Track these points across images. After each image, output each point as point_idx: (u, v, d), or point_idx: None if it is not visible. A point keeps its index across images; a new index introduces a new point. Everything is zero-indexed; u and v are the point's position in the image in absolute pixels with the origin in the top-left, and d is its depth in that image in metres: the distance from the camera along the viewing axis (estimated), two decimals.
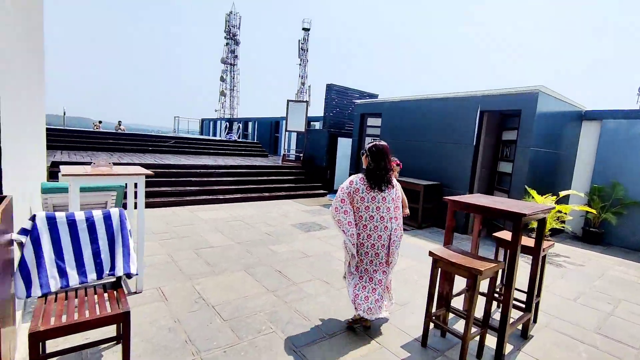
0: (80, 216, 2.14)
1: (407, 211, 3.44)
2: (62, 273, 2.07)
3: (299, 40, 47.53)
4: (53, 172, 6.14)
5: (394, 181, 2.75)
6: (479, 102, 6.15)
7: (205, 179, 7.93)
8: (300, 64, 47.86)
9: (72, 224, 2.11)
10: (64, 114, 11.50)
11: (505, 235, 3.03)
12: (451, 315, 2.92)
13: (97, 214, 2.20)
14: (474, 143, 6.21)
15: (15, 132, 2.65)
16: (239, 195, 7.81)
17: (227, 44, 54.04)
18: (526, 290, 2.86)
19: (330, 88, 10.34)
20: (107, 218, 2.23)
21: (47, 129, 9.53)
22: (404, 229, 6.18)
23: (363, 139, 8.75)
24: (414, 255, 4.83)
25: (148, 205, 6.49)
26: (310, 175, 10.04)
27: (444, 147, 6.71)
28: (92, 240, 2.18)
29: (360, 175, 2.66)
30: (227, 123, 21.11)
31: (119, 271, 2.20)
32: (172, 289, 3.24)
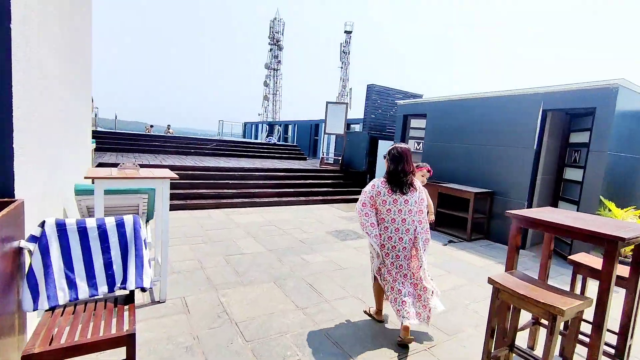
0: (91, 223, 1.98)
1: (433, 217, 3.26)
2: (72, 285, 1.90)
3: (341, 43, 47.42)
4: None
5: (418, 185, 2.75)
6: (541, 100, 5.40)
7: (243, 181, 7.87)
8: (341, 67, 47.70)
9: (82, 231, 1.95)
10: (116, 117, 12.25)
11: (587, 259, 2.45)
12: (515, 355, 2.40)
13: (110, 222, 2.03)
14: (535, 146, 5.46)
15: (53, 137, 2.60)
16: (275, 199, 7.65)
17: (270, 49, 55.45)
18: (615, 329, 2.26)
19: (371, 89, 9.90)
20: (120, 226, 2.05)
21: (99, 133, 10.13)
22: (451, 241, 5.61)
23: (406, 141, 8.21)
24: (464, 273, 4.26)
25: (185, 207, 6.52)
26: (349, 179, 9.66)
27: (498, 150, 6.01)
28: (104, 250, 2.00)
29: (382, 178, 2.70)
30: (267, 126, 21.39)
31: (131, 284, 2.00)
32: (196, 300, 3.04)
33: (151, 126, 18.41)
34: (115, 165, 6.78)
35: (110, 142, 9.75)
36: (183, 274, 3.60)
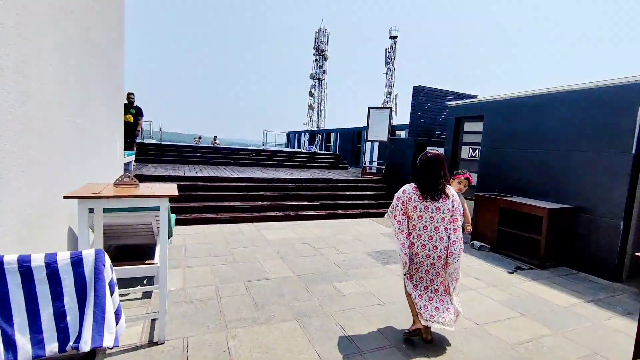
0: (37, 261, 1.52)
1: (470, 228, 3.28)
2: (9, 343, 1.44)
3: (386, 49, 46.45)
4: None
5: (452, 192, 2.62)
6: None
7: (277, 193, 7.43)
8: (386, 73, 46.62)
9: (26, 272, 1.49)
10: (160, 129, 12.69)
11: None
12: None
13: (63, 259, 1.55)
14: (635, 151, 4.29)
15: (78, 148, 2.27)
16: (311, 212, 7.08)
17: (315, 60, 56.05)
18: None
19: (417, 91, 9.03)
20: (76, 264, 1.57)
21: (142, 144, 10.38)
22: (519, 268, 4.55)
23: (458, 148, 7.23)
24: (543, 317, 3.29)
25: (216, 220, 6.20)
26: (393, 190, 8.80)
27: (580, 156, 4.87)
28: (55, 296, 1.53)
29: (413, 184, 2.65)
30: (308, 135, 21.12)
31: (85, 344, 1.50)
32: (199, 342, 2.52)
33: (199, 137, 19.01)
34: (153, 178, 6.70)
35: (153, 153, 9.94)
36: (195, 305, 3.12)
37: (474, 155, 6.95)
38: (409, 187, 2.62)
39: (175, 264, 4.12)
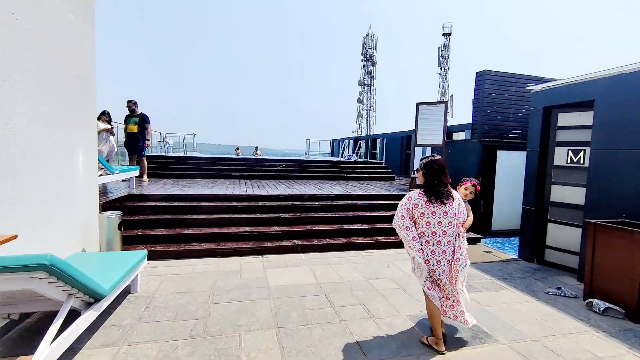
0: None
1: (468, 225, 2.83)
2: None
3: (439, 47, 43.31)
4: (113, 207, 5.17)
5: (457, 195, 2.73)
6: None
7: (299, 215, 5.88)
8: (440, 73, 43.38)
9: None
10: (183, 141, 11.98)
11: None
12: None
13: None
14: None
15: None
16: (341, 240, 5.42)
17: (363, 65, 54.57)
18: None
19: (482, 77, 6.93)
20: None
21: (159, 157, 9.56)
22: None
23: (550, 150, 5.07)
24: None
25: (215, 253, 4.83)
26: None
27: None
28: None
29: (418, 190, 2.66)
30: (351, 142, 19.42)
31: None
32: None
33: (237, 148, 18.38)
34: (140, 197, 5.56)
35: (172, 167, 9.05)
36: None
37: (576, 160, 4.75)
38: (414, 194, 2.62)
39: (113, 338, 2.73)
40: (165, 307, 3.28)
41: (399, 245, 5.64)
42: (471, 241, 6.00)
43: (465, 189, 3.25)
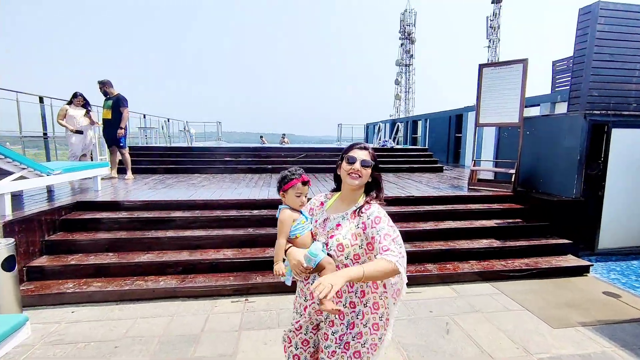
0: None
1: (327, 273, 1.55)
2: None
3: (487, 17, 38.64)
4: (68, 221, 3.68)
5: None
6: None
7: None
8: (489, 46, 38.80)
9: None
10: (187, 130, 10.58)
11: None
12: None
13: None
14: None
15: None
16: None
17: (402, 44, 50.79)
18: None
19: (591, 14, 4.49)
20: None
21: (157, 148, 8.13)
22: None
23: None
24: None
25: (178, 294, 3.20)
26: (534, 216, 4.61)
27: None
28: None
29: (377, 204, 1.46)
30: (389, 125, 17.12)
31: None
32: None
33: (261, 137, 16.91)
34: (96, 207, 4.04)
35: (168, 160, 7.59)
36: None
37: None
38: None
39: None
40: None
41: (461, 278, 3.67)
42: (570, 271, 3.86)
43: (297, 194, 1.55)
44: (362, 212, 1.38)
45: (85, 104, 5.98)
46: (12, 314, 2.50)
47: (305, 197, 1.55)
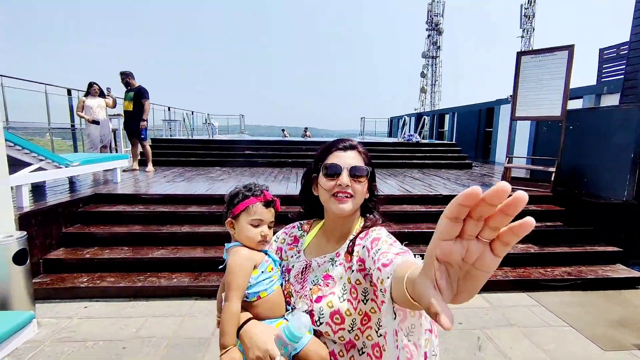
0: None
1: None
2: None
3: (522, 5, 36.61)
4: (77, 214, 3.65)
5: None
6: None
7: None
8: (522, 36, 36.84)
9: None
10: (208, 122, 10.54)
11: None
12: None
13: None
14: None
15: None
16: None
17: (428, 35, 49.18)
18: None
19: None
20: None
21: (179, 141, 8.14)
22: None
23: None
24: None
25: (192, 292, 3.07)
26: (577, 217, 4.18)
27: None
28: None
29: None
30: (414, 119, 16.53)
31: None
32: None
33: (283, 130, 16.82)
34: (111, 198, 4.00)
35: (188, 152, 7.57)
36: None
37: None
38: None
39: None
40: None
41: (493, 286, 3.36)
42: (620, 282, 3.44)
43: (255, 222, 0.99)
44: (355, 245, 0.88)
45: (102, 94, 6.08)
46: (19, 310, 2.44)
47: (270, 228, 0.99)
